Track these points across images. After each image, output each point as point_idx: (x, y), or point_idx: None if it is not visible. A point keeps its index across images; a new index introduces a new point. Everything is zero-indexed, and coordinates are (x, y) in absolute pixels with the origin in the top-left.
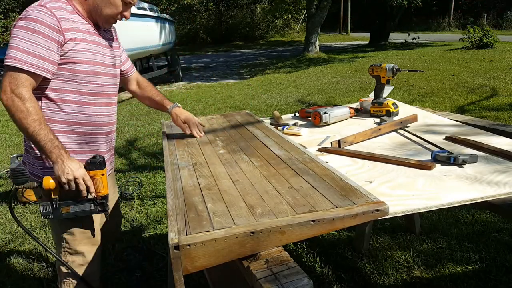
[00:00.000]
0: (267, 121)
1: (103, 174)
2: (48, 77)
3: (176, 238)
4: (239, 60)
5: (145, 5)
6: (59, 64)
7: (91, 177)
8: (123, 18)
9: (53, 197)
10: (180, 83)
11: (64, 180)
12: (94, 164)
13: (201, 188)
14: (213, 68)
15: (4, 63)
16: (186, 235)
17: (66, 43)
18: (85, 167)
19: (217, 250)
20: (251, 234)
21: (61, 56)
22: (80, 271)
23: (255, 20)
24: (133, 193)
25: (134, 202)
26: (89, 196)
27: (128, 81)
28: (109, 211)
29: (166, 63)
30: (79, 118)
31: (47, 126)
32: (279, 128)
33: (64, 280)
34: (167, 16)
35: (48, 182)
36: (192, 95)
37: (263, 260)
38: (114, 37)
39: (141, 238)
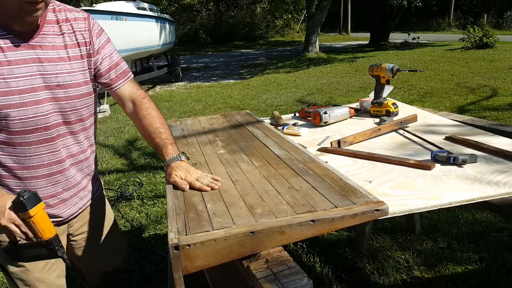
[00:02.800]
0: (267, 121)
1: (33, 215)
2: None
3: (176, 238)
4: (239, 60)
5: (145, 5)
6: None
7: (23, 220)
8: (36, 7)
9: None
10: (180, 83)
11: None
12: (17, 205)
13: None
14: (213, 68)
15: None
16: (186, 235)
17: None
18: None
19: (217, 250)
20: (251, 234)
21: None
22: None
23: (255, 20)
24: (133, 193)
25: (134, 202)
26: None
27: (119, 98)
28: (64, 255)
29: (166, 63)
30: (5, 161)
31: None
32: (279, 128)
33: None
34: (167, 16)
35: None
36: (192, 95)
37: (263, 260)
38: (65, 43)
39: (141, 238)
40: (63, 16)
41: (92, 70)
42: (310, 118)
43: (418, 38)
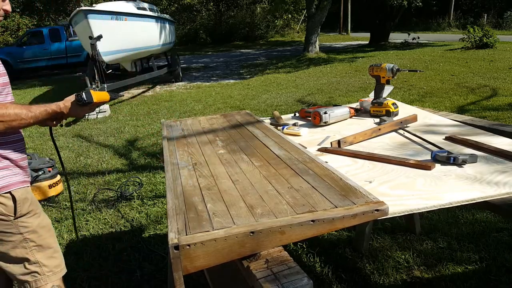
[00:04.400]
0: (267, 121)
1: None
2: None
3: (176, 238)
4: (239, 60)
5: (145, 5)
6: None
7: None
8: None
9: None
10: (180, 83)
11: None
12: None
13: (201, 188)
14: (213, 68)
15: None
16: (186, 235)
17: None
18: None
19: (217, 250)
20: (251, 234)
21: None
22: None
23: (255, 20)
24: (133, 193)
25: (134, 202)
26: None
27: None
28: None
29: (166, 63)
30: None
31: (30, 106)
32: (279, 128)
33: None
34: (167, 16)
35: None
36: (192, 95)
37: (263, 260)
38: None
39: (141, 238)
40: None
41: None
42: (310, 118)
43: (418, 38)
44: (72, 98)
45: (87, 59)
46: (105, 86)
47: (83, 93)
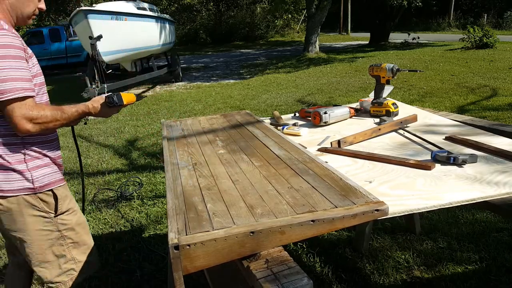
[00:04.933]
0: (267, 121)
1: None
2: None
3: (176, 238)
4: (239, 60)
5: (145, 5)
6: None
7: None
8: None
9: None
10: (180, 83)
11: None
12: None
13: (201, 188)
14: (213, 68)
15: (6, 97)
16: (186, 235)
17: (29, 59)
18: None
19: (217, 250)
20: (251, 234)
21: None
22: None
23: (255, 20)
24: (133, 193)
25: (134, 202)
26: None
27: None
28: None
29: (166, 63)
30: None
31: (63, 108)
32: (279, 128)
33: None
34: (167, 16)
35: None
36: (192, 95)
37: (263, 260)
38: None
39: (141, 238)
40: None
41: None
42: (310, 118)
43: (418, 38)
44: (101, 99)
45: (87, 59)
46: (105, 86)
47: (114, 96)
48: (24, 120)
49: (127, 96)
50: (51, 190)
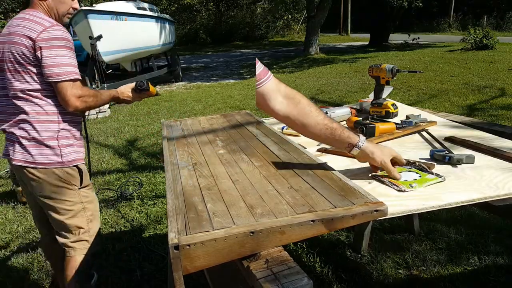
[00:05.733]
0: (267, 121)
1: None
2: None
3: (176, 238)
4: (239, 60)
5: (145, 5)
6: None
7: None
8: (74, 10)
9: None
10: (180, 83)
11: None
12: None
13: (201, 188)
14: (213, 68)
15: (62, 79)
16: (186, 235)
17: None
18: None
19: (217, 250)
20: (251, 234)
21: None
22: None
23: (255, 20)
24: (133, 193)
25: (134, 202)
26: None
27: None
28: None
29: (166, 63)
30: None
31: (100, 91)
32: (279, 128)
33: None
34: (167, 16)
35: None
36: (192, 95)
37: (263, 260)
38: None
39: (141, 238)
40: None
41: None
42: None
43: (418, 39)
44: (129, 86)
45: (87, 59)
46: (105, 86)
47: (144, 81)
48: (74, 98)
49: (151, 87)
50: (76, 166)
